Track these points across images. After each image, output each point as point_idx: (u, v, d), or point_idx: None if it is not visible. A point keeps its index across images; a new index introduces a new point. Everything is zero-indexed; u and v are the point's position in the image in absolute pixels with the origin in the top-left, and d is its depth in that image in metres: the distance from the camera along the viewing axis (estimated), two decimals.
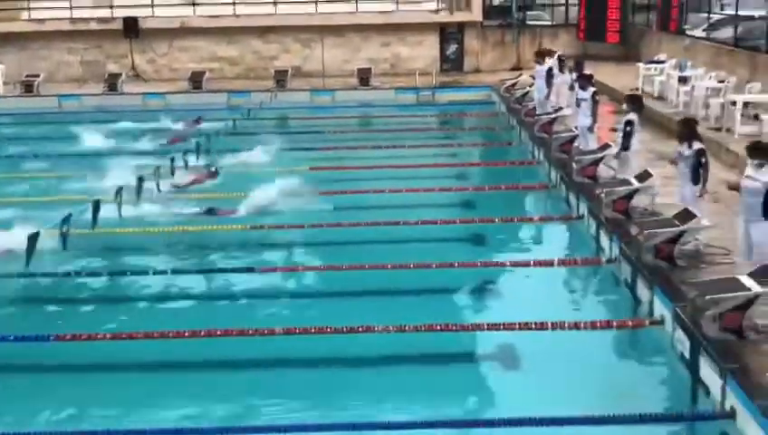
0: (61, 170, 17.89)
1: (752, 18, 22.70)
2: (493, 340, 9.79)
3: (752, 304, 8.44)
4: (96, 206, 13.29)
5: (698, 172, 10.94)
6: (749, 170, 9.33)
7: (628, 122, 13.41)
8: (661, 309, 9.66)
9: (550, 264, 11.99)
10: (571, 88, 18.13)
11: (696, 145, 11.10)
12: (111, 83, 27.76)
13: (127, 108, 25.65)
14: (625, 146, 13.44)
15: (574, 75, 18.12)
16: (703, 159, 10.93)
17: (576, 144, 16.33)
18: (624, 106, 13.76)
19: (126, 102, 26.45)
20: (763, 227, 9.14)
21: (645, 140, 12.73)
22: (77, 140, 20.72)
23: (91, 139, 20.62)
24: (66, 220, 12.43)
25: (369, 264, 11.90)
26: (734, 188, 9.82)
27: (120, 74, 28.47)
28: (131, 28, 29.36)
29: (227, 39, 30.33)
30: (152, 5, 29.89)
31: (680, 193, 11.50)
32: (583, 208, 13.78)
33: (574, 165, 15.15)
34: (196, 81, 27.97)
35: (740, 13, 22.16)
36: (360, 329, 9.74)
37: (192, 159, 17.32)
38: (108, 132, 21.50)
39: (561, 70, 20.11)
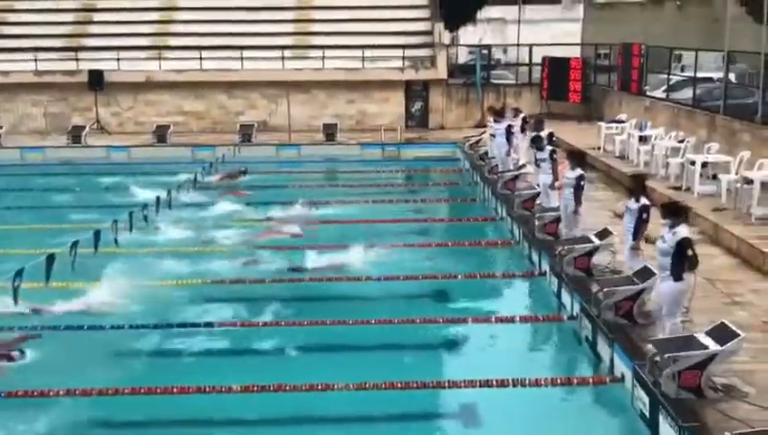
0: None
1: (710, 80, 23.23)
2: (454, 397, 9.75)
3: (710, 362, 8.49)
4: (50, 259, 13.01)
5: (638, 228, 11.11)
6: (663, 230, 9.48)
7: (580, 177, 13.51)
8: (621, 367, 9.68)
9: (511, 320, 12.03)
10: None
11: (643, 201, 11.28)
12: (75, 136, 27.59)
13: (92, 161, 25.51)
14: (578, 200, 13.54)
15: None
16: (644, 215, 11.09)
17: (538, 201, 16.47)
18: (568, 162, 13.84)
19: (89, 155, 26.28)
20: (669, 286, 9.28)
21: (605, 199, 12.82)
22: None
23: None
24: (18, 274, 12.12)
25: (330, 320, 11.85)
26: (651, 242, 9.98)
27: (84, 127, 28.31)
28: (96, 81, 29.32)
29: (193, 93, 30.40)
30: (118, 59, 29.90)
31: (564, 213, 11.69)
32: (545, 265, 13.85)
33: (536, 222, 15.27)
34: (160, 134, 27.89)
35: (698, 75, 22.67)
36: (320, 386, 9.65)
37: (152, 214, 17.15)
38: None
39: (523, 130, 20.40)
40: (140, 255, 15.19)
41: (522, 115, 21.66)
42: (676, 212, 9.46)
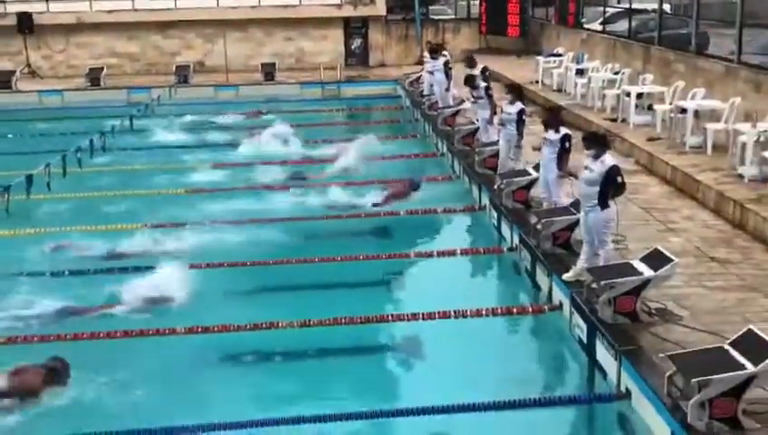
0: None
1: (645, 11, 23.38)
2: (397, 330, 9.89)
3: (644, 287, 8.71)
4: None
5: (562, 157, 11.25)
6: (586, 161, 9.53)
7: (521, 111, 13.58)
8: (559, 295, 9.89)
9: (453, 254, 12.15)
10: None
11: (563, 130, 11.43)
12: (5, 81, 26.84)
13: (23, 106, 24.85)
14: (520, 134, 13.62)
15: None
16: (567, 144, 11.25)
17: (477, 136, 16.56)
18: (508, 96, 13.87)
19: (21, 100, 25.60)
20: (597, 216, 9.38)
21: (539, 132, 12.91)
22: None
23: None
24: None
25: (273, 259, 11.84)
26: (573, 175, 10.07)
27: (15, 72, 27.55)
28: (25, 24, 28.44)
29: (126, 34, 29.71)
30: (47, 0, 28.97)
31: (543, 178, 11.79)
32: (485, 199, 13.98)
33: (476, 157, 15.37)
34: (94, 77, 27.26)
35: (634, 6, 22.79)
36: (264, 325, 9.68)
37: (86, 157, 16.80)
38: None
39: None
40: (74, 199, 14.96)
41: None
42: (598, 141, 9.51)
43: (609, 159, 9.36)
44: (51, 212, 14.30)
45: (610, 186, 9.23)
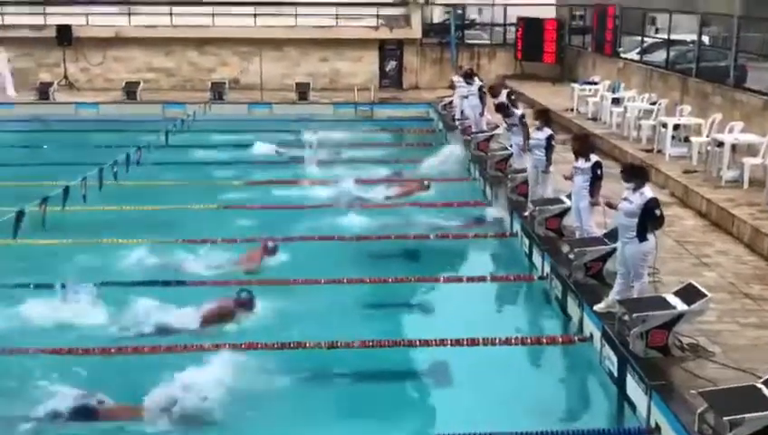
0: None
1: (683, 42, 23.27)
2: (425, 356, 9.79)
3: (677, 322, 8.59)
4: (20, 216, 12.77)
5: (593, 184, 11.18)
6: (626, 193, 9.49)
7: (550, 137, 13.55)
8: (590, 326, 9.77)
9: (483, 280, 12.09)
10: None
11: (593, 158, 11.34)
12: (43, 92, 27.21)
13: (60, 117, 25.18)
14: (549, 160, 13.58)
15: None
16: (598, 171, 11.20)
17: (511, 162, 16.48)
18: (537, 122, 13.85)
19: (58, 111, 25.92)
20: (635, 248, 9.29)
21: (571, 159, 12.87)
22: None
23: None
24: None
25: (303, 278, 11.82)
26: (613, 207, 10.00)
27: (52, 83, 27.93)
28: (65, 36, 28.87)
29: (164, 50, 30.03)
30: (87, 14, 29.39)
31: (575, 207, 11.71)
32: (517, 226, 13.90)
33: (508, 183, 15.31)
34: (130, 91, 27.58)
35: (672, 37, 22.69)
36: (292, 345, 9.67)
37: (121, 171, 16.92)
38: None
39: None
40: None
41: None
42: (637, 173, 9.50)
43: (648, 191, 9.29)
44: (86, 223, 14.39)
45: (649, 218, 9.15)
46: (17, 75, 28.42)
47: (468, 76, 21.27)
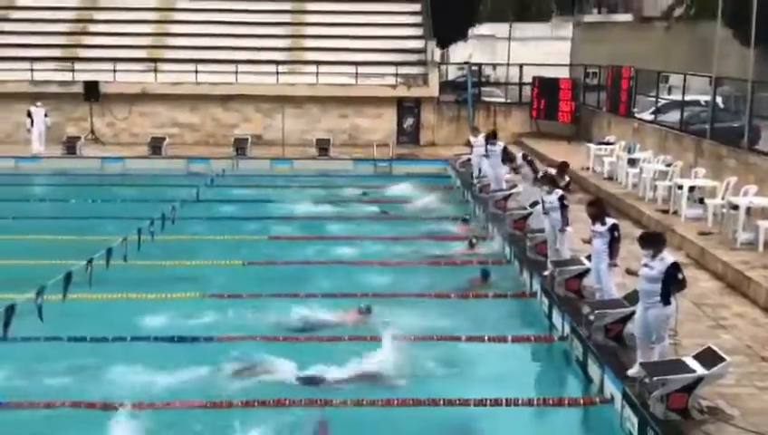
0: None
1: (697, 103, 23.71)
2: (449, 416, 10.01)
3: (697, 385, 8.85)
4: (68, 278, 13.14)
5: (612, 246, 11.54)
6: (645, 259, 9.80)
7: (561, 198, 13.99)
8: (611, 387, 10.02)
9: (503, 340, 12.30)
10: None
11: (610, 221, 11.75)
12: (70, 146, 27.88)
13: (86, 171, 25.79)
14: (565, 220, 13.99)
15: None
16: (616, 233, 11.60)
17: (529, 222, 16.84)
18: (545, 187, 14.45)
19: (85, 166, 26.53)
20: (659, 311, 9.60)
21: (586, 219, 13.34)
22: None
23: None
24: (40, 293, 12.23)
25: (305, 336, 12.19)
26: (633, 273, 10.32)
27: (79, 137, 28.61)
28: (92, 92, 29.63)
29: (188, 105, 30.76)
30: (114, 70, 30.19)
31: (595, 269, 12.05)
32: (536, 286, 14.19)
33: (528, 242, 15.65)
34: (155, 146, 28.21)
35: (686, 98, 23.13)
36: (320, 402, 9.96)
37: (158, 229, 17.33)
38: None
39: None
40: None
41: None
42: (655, 241, 9.86)
43: (668, 256, 9.63)
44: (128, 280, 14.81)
45: (672, 282, 9.46)
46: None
47: (494, 136, 21.71)
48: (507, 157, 19.97)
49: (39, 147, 27.81)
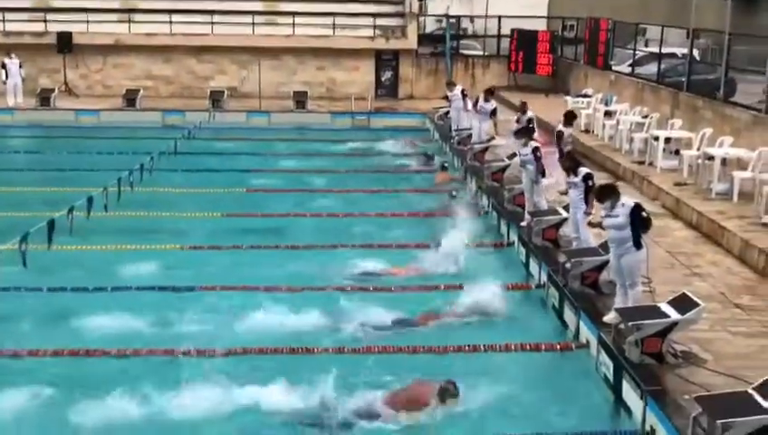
0: None
1: (674, 56, 23.76)
2: (426, 361, 10.14)
3: (671, 330, 9.02)
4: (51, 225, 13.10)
5: (587, 195, 11.73)
6: (605, 211, 9.97)
7: (535, 149, 14.13)
8: (586, 333, 10.19)
9: (482, 288, 12.39)
10: None
11: (583, 171, 11.94)
12: (44, 98, 27.54)
13: (60, 123, 25.52)
14: (541, 172, 14.16)
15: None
16: (590, 182, 11.80)
17: (507, 174, 16.93)
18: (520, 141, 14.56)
19: (59, 118, 26.25)
20: (632, 257, 9.76)
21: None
22: None
23: None
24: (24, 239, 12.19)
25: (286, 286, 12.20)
26: (596, 225, 10.43)
27: (53, 89, 28.26)
28: (65, 43, 29.20)
29: (162, 57, 30.43)
30: (87, 21, 29.74)
31: (573, 219, 12.29)
32: (514, 235, 14.32)
33: (505, 193, 15.75)
34: (130, 98, 27.93)
35: (663, 50, 23.18)
36: (301, 349, 10.06)
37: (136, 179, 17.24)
38: None
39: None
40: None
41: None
42: (610, 192, 10.02)
43: (627, 200, 9.80)
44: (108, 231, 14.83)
45: (640, 222, 9.59)
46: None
47: (491, 93, 21.61)
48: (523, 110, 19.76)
49: (17, 99, 27.43)
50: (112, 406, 8.66)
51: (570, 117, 17.63)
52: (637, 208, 9.71)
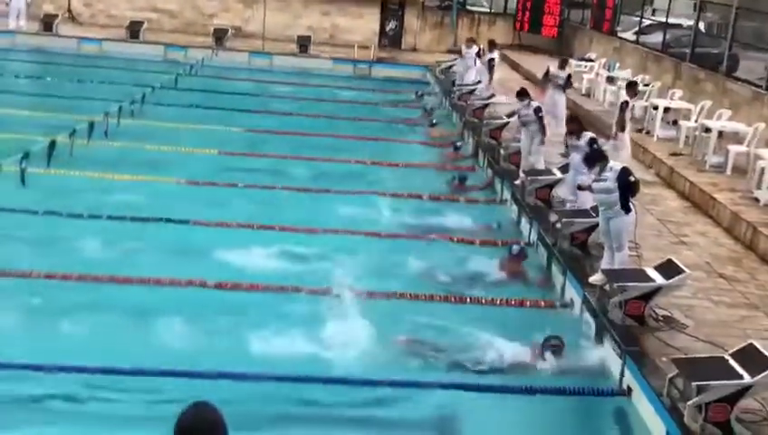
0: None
1: (679, 26, 23.73)
2: (415, 308, 10.29)
3: (654, 294, 9.20)
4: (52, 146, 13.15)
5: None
6: (594, 176, 10.08)
7: (537, 109, 14.18)
8: (572, 293, 10.38)
9: (471, 242, 12.60)
10: None
11: (587, 134, 11.99)
12: (47, 23, 27.33)
13: (63, 50, 25.39)
14: (543, 131, 14.24)
15: None
16: (595, 145, 11.78)
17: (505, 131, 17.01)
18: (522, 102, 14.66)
19: (62, 45, 26.10)
20: (620, 220, 9.90)
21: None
22: None
23: None
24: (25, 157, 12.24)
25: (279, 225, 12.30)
26: (585, 188, 10.55)
27: (57, 15, 28.02)
28: None
29: None
30: None
31: (571, 180, 12.37)
32: (507, 193, 14.45)
33: (502, 151, 15.84)
34: (133, 30, 27.74)
35: (669, 20, 23.14)
36: (286, 288, 10.21)
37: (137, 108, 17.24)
38: None
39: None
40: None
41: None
42: (599, 157, 10.14)
43: (615, 164, 9.91)
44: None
45: (627, 186, 9.73)
46: None
47: (493, 45, 21.78)
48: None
49: (19, 22, 27.19)
50: (107, 325, 8.81)
51: (563, 63, 18.67)
52: (624, 171, 9.83)
